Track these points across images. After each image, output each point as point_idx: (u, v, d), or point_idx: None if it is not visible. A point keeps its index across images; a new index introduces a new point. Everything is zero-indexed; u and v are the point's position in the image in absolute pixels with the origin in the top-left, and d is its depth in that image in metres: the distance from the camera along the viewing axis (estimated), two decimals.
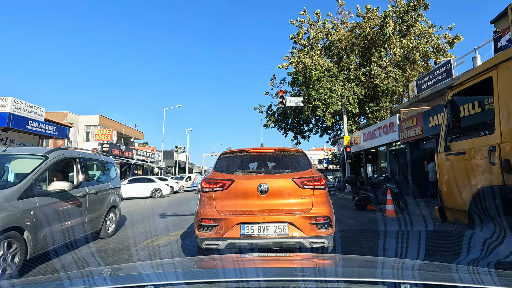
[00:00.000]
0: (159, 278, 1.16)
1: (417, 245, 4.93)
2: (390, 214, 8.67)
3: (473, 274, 1.28)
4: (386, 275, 1.18)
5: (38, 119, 16.24)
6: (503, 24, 6.26)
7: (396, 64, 18.99)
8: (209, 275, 1.33)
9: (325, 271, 1.39)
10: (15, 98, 14.88)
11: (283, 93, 21.24)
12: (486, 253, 3.16)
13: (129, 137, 37.66)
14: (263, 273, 1.22)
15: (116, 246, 5.72)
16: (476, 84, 3.73)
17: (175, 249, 5.37)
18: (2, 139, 15.20)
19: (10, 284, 1.15)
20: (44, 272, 4.18)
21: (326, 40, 20.77)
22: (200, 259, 2.26)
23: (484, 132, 3.44)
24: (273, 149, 4.39)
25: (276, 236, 3.56)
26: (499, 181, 3.10)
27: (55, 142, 24.84)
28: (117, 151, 27.13)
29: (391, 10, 18.47)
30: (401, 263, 1.77)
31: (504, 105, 3.15)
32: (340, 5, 21.29)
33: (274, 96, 24.21)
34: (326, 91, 18.37)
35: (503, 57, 3.26)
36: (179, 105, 38.60)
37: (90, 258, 4.92)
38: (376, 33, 18.77)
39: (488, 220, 3.33)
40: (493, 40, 11.06)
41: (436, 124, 11.11)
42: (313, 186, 3.80)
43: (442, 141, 4.16)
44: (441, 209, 4.17)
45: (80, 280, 1.24)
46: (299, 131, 24.93)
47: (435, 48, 19.19)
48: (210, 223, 3.67)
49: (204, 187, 3.92)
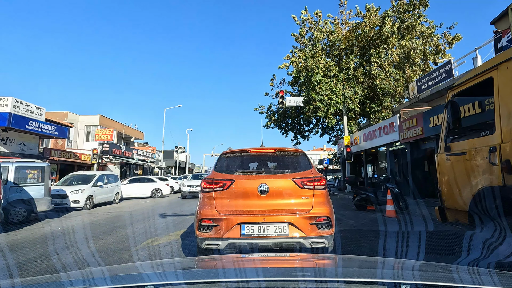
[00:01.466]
0: (159, 278, 1.16)
1: (417, 245, 4.93)
2: (390, 214, 8.67)
3: (473, 274, 1.28)
4: (386, 276, 1.18)
5: (38, 119, 16.26)
6: (503, 24, 6.27)
7: (395, 65, 18.99)
8: (209, 275, 1.33)
9: (325, 271, 1.39)
10: (15, 98, 14.90)
11: (283, 93, 21.24)
12: (486, 253, 3.15)
13: (129, 137, 37.68)
14: (263, 273, 1.22)
15: (116, 246, 5.72)
16: (476, 84, 3.73)
17: (175, 249, 5.37)
18: (3, 139, 15.21)
19: (10, 284, 1.15)
20: (44, 272, 4.18)
21: (327, 40, 20.78)
22: (200, 259, 2.26)
23: (485, 133, 3.44)
24: (273, 149, 4.39)
25: (276, 236, 3.56)
26: (499, 182, 3.10)
27: (55, 142, 24.85)
28: (117, 151, 27.14)
29: (391, 10, 18.48)
30: (401, 263, 1.77)
31: (505, 105, 3.14)
32: (342, 4, 21.30)
33: (274, 96, 24.23)
34: (327, 93, 18.36)
35: (504, 57, 3.26)
36: (179, 105, 38.66)
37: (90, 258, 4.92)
38: (375, 33, 18.77)
39: (488, 221, 3.33)
40: (493, 41, 11.05)
41: (437, 124, 11.11)
42: (313, 186, 3.79)
43: (442, 141, 4.16)
44: (441, 210, 4.17)
45: (80, 280, 1.24)
46: (299, 131, 24.93)
47: (434, 49, 19.19)
48: (210, 223, 3.66)
49: (204, 187, 3.92)
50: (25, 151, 16.55)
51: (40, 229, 8.03)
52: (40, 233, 7.36)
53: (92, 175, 14.20)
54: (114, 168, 28.67)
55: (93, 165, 23.18)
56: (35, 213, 9.60)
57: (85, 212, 11.75)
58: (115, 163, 28.40)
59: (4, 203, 8.25)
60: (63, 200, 12.02)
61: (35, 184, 9.63)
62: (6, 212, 8.43)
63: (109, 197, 14.91)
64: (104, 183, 14.44)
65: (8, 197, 8.71)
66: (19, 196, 9.02)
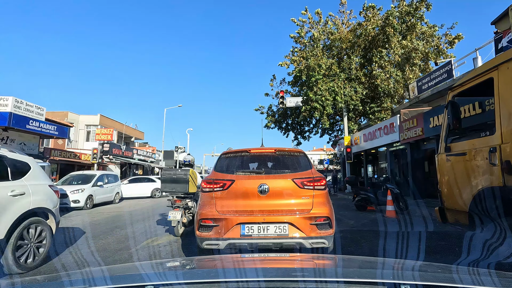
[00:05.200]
0: (159, 278, 1.16)
1: (417, 246, 4.93)
2: (391, 214, 8.66)
3: (474, 275, 1.28)
4: (386, 276, 1.18)
5: (38, 118, 16.25)
6: (503, 25, 6.27)
7: (396, 65, 18.98)
8: (209, 275, 1.33)
9: (325, 272, 1.39)
10: (16, 98, 14.89)
11: (284, 94, 21.25)
12: (486, 254, 3.15)
13: (129, 137, 37.68)
14: (263, 274, 1.22)
15: (116, 246, 5.72)
16: (476, 85, 3.72)
17: (175, 249, 5.37)
18: (3, 139, 15.22)
19: (10, 284, 1.15)
20: (44, 272, 4.18)
21: (327, 39, 20.78)
22: (200, 259, 2.26)
23: (485, 133, 3.44)
24: (274, 149, 4.38)
25: (276, 236, 3.56)
26: (499, 182, 3.09)
27: (55, 141, 24.86)
28: (117, 151, 27.15)
29: (393, 10, 18.47)
30: (401, 263, 1.77)
31: (505, 106, 3.14)
32: (343, 4, 21.29)
33: (274, 96, 24.23)
34: (324, 93, 18.33)
35: (504, 58, 3.26)
36: (180, 105, 38.59)
37: (90, 258, 4.92)
38: (377, 33, 18.76)
39: (488, 221, 3.33)
40: (494, 41, 11.05)
41: (437, 124, 11.11)
42: (313, 186, 3.79)
43: (442, 141, 4.16)
44: (442, 210, 4.16)
45: (80, 280, 1.24)
46: (299, 131, 24.93)
47: (435, 49, 19.19)
48: (210, 223, 3.66)
49: (204, 187, 3.92)
50: (26, 151, 16.54)
51: None
52: None
53: (92, 175, 14.20)
54: (114, 168, 28.67)
55: (93, 165, 23.19)
56: None
57: (85, 212, 11.75)
58: (115, 163, 28.41)
59: None
60: (63, 200, 12.00)
61: None
62: None
63: (109, 197, 14.91)
64: (104, 183, 14.44)
65: None
66: None
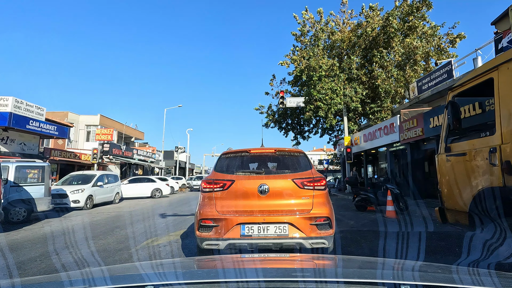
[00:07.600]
0: (159, 278, 1.16)
1: (417, 246, 4.93)
2: (391, 215, 8.66)
3: (474, 275, 1.27)
4: (386, 276, 1.18)
5: (38, 118, 16.26)
6: (504, 25, 6.25)
7: (397, 65, 18.97)
8: (209, 275, 1.33)
9: (325, 272, 1.39)
10: (16, 98, 14.90)
11: (284, 94, 21.24)
12: (486, 254, 3.15)
13: (129, 137, 37.67)
14: (263, 274, 1.22)
15: (116, 246, 5.72)
16: (477, 85, 3.72)
17: (175, 249, 5.37)
18: (3, 139, 15.22)
19: (10, 284, 1.15)
20: (44, 272, 4.18)
21: (328, 39, 20.77)
22: (200, 259, 2.26)
23: (485, 133, 3.44)
24: (274, 150, 4.38)
25: (276, 236, 3.56)
26: (499, 182, 3.09)
27: (55, 141, 24.85)
28: (117, 151, 27.14)
29: (394, 10, 18.47)
30: (401, 264, 1.77)
31: (505, 106, 3.14)
32: (344, 4, 21.29)
33: (274, 96, 24.20)
34: (328, 92, 18.34)
35: (504, 58, 3.26)
36: (180, 105, 38.63)
37: (90, 258, 4.92)
38: (378, 33, 18.76)
39: (488, 222, 3.33)
40: (494, 41, 11.06)
41: (437, 125, 11.10)
42: (313, 186, 3.79)
43: (442, 142, 4.16)
44: (442, 210, 4.16)
45: (80, 280, 1.24)
46: (299, 131, 24.90)
47: (436, 48, 19.18)
48: (210, 223, 3.66)
49: (204, 187, 3.92)
50: (26, 151, 16.56)
51: (40, 229, 8.03)
52: (40, 233, 7.36)
53: (92, 175, 14.20)
54: (114, 168, 28.67)
55: (93, 165, 23.18)
56: (35, 213, 9.60)
57: (85, 212, 11.75)
58: (115, 163, 28.40)
59: (4, 202, 8.25)
60: (63, 200, 12.02)
61: (35, 184, 9.64)
62: (6, 211, 8.43)
63: (109, 197, 14.91)
64: (104, 183, 14.44)
65: (8, 197, 8.71)
66: (19, 196, 9.02)
